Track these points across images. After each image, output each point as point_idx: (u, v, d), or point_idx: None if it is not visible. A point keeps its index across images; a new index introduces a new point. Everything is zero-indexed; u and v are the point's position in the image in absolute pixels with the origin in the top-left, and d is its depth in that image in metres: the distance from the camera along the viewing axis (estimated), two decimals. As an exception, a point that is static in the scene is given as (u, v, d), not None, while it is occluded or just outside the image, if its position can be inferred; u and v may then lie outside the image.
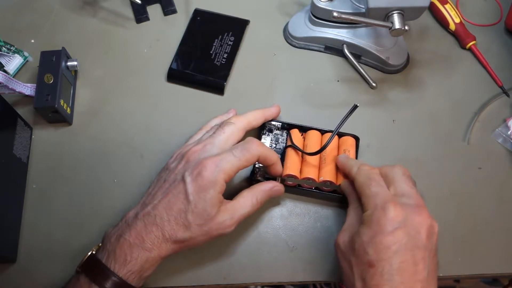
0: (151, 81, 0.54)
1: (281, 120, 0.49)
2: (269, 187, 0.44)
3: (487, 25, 0.58)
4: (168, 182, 0.40)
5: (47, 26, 0.58)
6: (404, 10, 0.46)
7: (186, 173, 0.39)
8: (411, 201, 0.38)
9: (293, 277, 0.44)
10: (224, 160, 0.39)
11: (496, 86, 0.54)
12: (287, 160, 0.46)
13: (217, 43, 0.55)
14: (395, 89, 0.54)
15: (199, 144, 0.42)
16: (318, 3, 0.51)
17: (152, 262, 0.39)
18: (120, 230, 0.39)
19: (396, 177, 0.40)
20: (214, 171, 0.39)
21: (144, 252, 0.38)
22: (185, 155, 0.41)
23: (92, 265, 0.38)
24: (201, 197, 0.38)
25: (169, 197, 0.39)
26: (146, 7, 0.59)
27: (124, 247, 0.38)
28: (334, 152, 0.47)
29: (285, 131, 0.50)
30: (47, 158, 0.50)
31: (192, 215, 0.38)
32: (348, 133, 0.48)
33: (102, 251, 0.39)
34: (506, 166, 0.50)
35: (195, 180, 0.39)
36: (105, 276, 0.37)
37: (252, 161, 0.41)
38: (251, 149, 0.41)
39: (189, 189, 0.38)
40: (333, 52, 0.55)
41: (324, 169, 0.46)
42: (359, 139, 0.48)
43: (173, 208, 0.39)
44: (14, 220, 0.45)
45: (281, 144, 0.49)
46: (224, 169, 0.39)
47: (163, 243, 0.39)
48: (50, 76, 0.48)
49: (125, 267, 0.37)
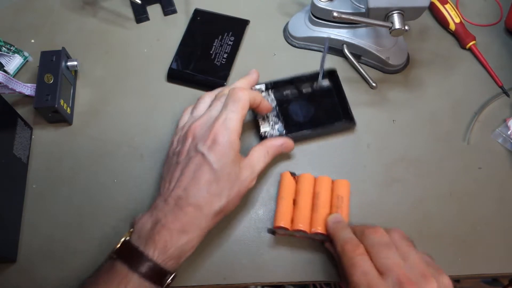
0: (151, 81, 0.54)
1: (264, 82, 0.51)
2: (279, 142, 0.45)
3: (487, 25, 0.58)
4: (183, 162, 0.40)
5: (47, 26, 0.58)
6: (404, 10, 0.46)
7: (198, 145, 0.40)
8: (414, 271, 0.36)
9: (293, 277, 0.44)
10: (228, 120, 0.40)
11: (496, 86, 0.54)
12: (277, 209, 0.45)
13: (217, 43, 0.55)
14: (395, 89, 0.54)
15: (199, 119, 0.42)
16: (318, 3, 0.51)
17: (193, 242, 0.39)
18: (155, 216, 0.39)
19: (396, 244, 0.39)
20: (225, 133, 0.40)
21: (184, 235, 0.38)
22: (188, 133, 0.42)
23: (129, 252, 0.38)
24: (224, 161, 0.39)
25: (192, 173, 0.39)
26: (146, 7, 0.59)
27: (163, 233, 0.37)
28: (327, 196, 0.45)
29: (270, 90, 0.52)
30: (47, 158, 0.50)
31: (222, 182, 0.39)
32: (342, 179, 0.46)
33: (138, 238, 0.38)
34: (506, 166, 0.50)
35: (212, 148, 0.39)
36: (143, 263, 0.37)
37: (247, 107, 0.42)
38: (240, 97, 0.42)
39: (211, 158, 0.39)
40: (333, 52, 0.55)
41: (317, 214, 0.44)
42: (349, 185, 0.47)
43: (201, 182, 0.39)
44: (14, 220, 0.45)
45: (272, 103, 0.51)
46: (233, 127, 0.40)
47: (203, 220, 0.39)
48: (50, 76, 0.48)
49: (165, 253, 0.37)
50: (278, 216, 0.44)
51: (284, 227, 0.44)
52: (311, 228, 0.44)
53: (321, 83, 0.51)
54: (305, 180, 0.46)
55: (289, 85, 0.52)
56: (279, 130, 0.50)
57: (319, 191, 0.45)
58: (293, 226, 0.44)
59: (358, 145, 0.50)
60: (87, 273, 0.44)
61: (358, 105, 0.51)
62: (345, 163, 0.49)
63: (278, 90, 0.52)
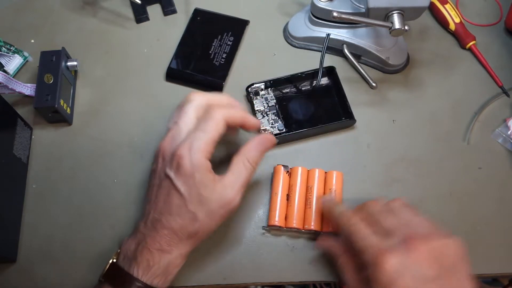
0: (151, 81, 0.54)
1: (263, 80, 0.51)
2: (254, 143, 0.41)
3: (487, 25, 0.58)
4: (156, 184, 0.40)
5: (47, 26, 0.58)
6: (404, 10, 0.46)
7: (166, 169, 0.39)
8: (407, 230, 0.36)
9: (293, 277, 0.44)
10: (195, 140, 0.38)
11: (496, 86, 0.54)
12: (271, 206, 0.45)
13: (216, 43, 0.55)
14: (395, 89, 0.54)
15: (167, 137, 0.40)
16: (318, 3, 0.51)
17: (176, 263, 0.39)
18: (137, 238, 0.39)
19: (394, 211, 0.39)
20: (190, 156, 0.37)
21: (165, 255, 0.38)
22: (159, 153, 0.40)
23: (115, 273, 0.39)
24: (190, 184, 0.38)
25: (163, 198, 0.39)
26: (146, 7, 0.59)
27: (145, 253, 0.38)
28: (321, 190, 0.46)
29: (270, 88, 0.52)
30: (47, 158, 0.50)
31: (191, 205, 0.38)
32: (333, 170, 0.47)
33: (123, 260, 0.39)
34: (506, 166, 0.50)
35: (178, 172, 0.38)
36: (129, 284, 0.37)
37: (222, 127, 0.39)
38: (214, 116, 0.39)
39: (177, 183, 0.38)
40: (333, 52, 0.55)
41: (310, 209, 0.45)
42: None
43: (172, 206, 0.38)
44: (14, 220, 0.45)
45: (272, 102, 0.51)
46: (198, 148, 0.37)
47: (180, 242, 0.38)
48: (50, 76, 0.48)
49: (149, 271, 0.38)
50: (272, 214, 0.45)
51: (278, 225, 0.44)
52: (304, 225, 0.44)
53: (320, 80, 0.51)
54: (297, 174, 0.46)
55: (288, 83, 0.52)
56: (279, 129, 0.50)
57: (312, 185, 0.45)
58: (287, 223, 0.45)
59: (358, 145, 0.50)
60: (87, 273, 0.44)
61: (358, 105, 0.51)
62: (345, 163, 0.49)
63: (277, 88, 0.52)
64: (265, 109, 0.51)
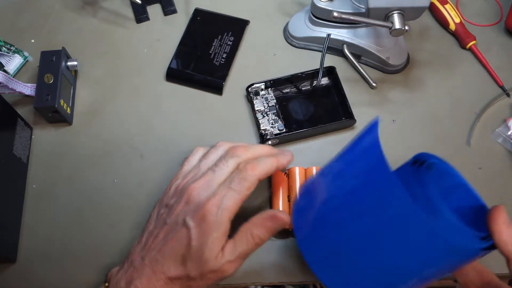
0: (151, 81, 0.54)
1: (263, 80, 0.51)
2: (265, 218, 0.38)
3: (487, 25, 0.58)
4: (170, 225, 0.38)
5: (47, 26, 0.58)
6: (404, 10, 0.46)
7: (187, 217, 0.37)
8: None
9: (293, 277, 0.44)
10: (226, 198, 0.37)
11: (496, 86, 0.54)
12: (273, 208, 0.45)
13: (216, 43, 0.55)
14: (395, 89, 0.54)
15: (200, 180, 0.38)
16: (318, 3, 0.51)
17: None
18: (129, 274, 0.38)
19: None
20: (217, 213, 0.36)
21: None
22: (185, 192, 0.38)
23: None
24: (203, 241, 0.36)
25: (172, 243, 0.37)
26: (146, 7, 0.59)
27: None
28: None
29: (270, 88, 0.52)
30: (47, 158, 0.50)
31: (192, 262, 0.36)
32: None
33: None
34: (506, 166, 0.50)
35: (199, 225, 0.36)
36: None
37: (253, 188, 0.38)
38: (248, 177, 0.38)
39: (193, 235, 0.36)
40: (333, 52, 0.55)
41: None
42: None
43: (177, 255, 0.37)
44: (14, 220, 0.45)
45: (272, 102, 0.51)
46: (227, 208, 0.37)
47: (174, 286, 0.37)
48: (50, 76, 0.48)
49: None
50: None
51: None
52: None
53: (321, 80, 0.51)
54: (295, 174, 0.46)
55: (288, 83, 0.52)
56: (279, 129, 0.50)
57: None
58: (291, 225, 0.44)
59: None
60: (87, 273, 0.44)
61: (358, 105, 0.51)
62: (345, 163, 0.49)
63: (277, 88, 0.52)
64: (265, 109, 0.51)
